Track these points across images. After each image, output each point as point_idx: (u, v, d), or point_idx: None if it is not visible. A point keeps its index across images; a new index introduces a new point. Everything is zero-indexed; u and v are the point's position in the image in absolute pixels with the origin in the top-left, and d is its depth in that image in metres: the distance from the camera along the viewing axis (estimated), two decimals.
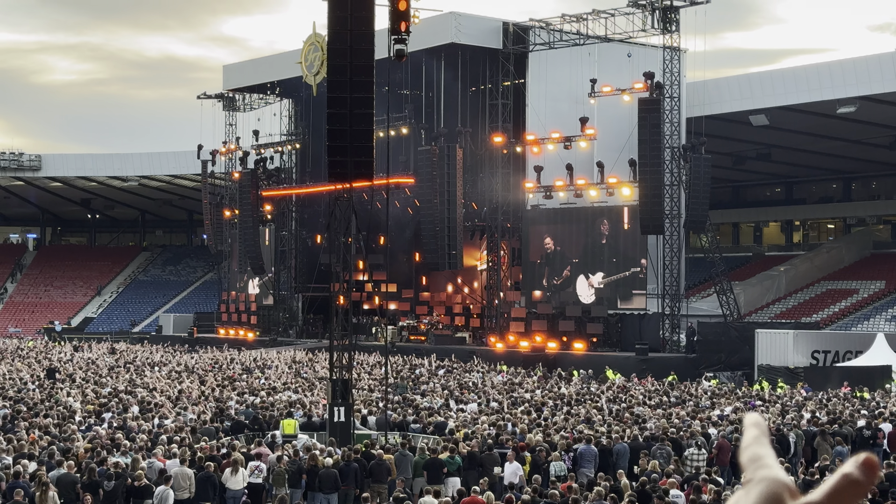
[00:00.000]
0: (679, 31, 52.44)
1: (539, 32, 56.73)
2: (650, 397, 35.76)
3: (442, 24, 55.77)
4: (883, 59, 54.11)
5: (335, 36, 26.70)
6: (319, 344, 58.26)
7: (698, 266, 60.67)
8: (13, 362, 49.97)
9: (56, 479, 19.52)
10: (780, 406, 32.92)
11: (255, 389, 37.27)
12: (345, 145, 26.22)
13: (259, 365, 49.60)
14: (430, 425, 28.26)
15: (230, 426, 27.68)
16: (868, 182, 74.61)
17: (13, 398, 32.87)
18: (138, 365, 49.29)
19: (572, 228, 56.83)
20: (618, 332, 54.48)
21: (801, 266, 67.66)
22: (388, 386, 32.51)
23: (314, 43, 46.84)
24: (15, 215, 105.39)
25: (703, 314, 56.60)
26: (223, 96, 75.04)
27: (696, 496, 18.48)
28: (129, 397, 33.20)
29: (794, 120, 58.88)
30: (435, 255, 56.67)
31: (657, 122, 50.96)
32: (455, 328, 62.14)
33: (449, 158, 55.48)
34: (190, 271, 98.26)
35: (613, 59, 55.13)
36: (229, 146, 74.28)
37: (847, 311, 60.44)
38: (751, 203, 78.70)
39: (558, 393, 37.22)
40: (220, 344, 65.25)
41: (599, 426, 27.02)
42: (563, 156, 55.26)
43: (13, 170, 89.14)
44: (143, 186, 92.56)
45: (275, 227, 72.48)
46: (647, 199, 50.88)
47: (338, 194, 28.31)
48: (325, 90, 27.28)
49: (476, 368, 47.99)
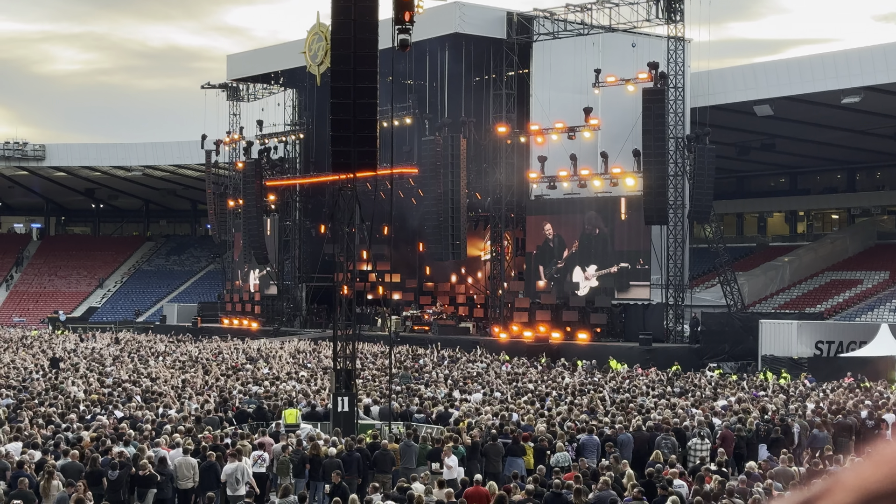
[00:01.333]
0: (683, 20, 52.38)
1: (543, 22, 56.65)
2: (654, 387, 35.77)
3: (446, 13, 55.70)
4: (888, 49, 53.97)
5: (339, 25, 26.67)
6: (323, 334, 58.32)
7: (702, 256, 60.63)
8: (17, 352, 50.06)
9: (61, 468, 19.56)
10: (784, 396, 32.92)
11: (258, 379, 37.30)
12: (348, 135, 26.19)
13: (263, 355, 49.64)
14: (434, 414, 28.29)
15: (234, 416, 27.72)
16: (872, 172, 74.52)
17: (17, 387, 32.95)
18: (142, 355, 49.37)
19: (573, 218, 56.81)
20: (621, 322, 54.48)
21: (805, 256, 67.61)
22: (392, 376, 32.52)
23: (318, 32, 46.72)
24: (19, 205, 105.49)
25: (706, 304, 56.59)
26: (227, 86, 75.02)
27: (699, 486, 18.50)
28: (133, 387, 33.25)
29: (798, 110, 58.78)
30: (439, 246, 56.68)
31: (661, 112, 50.89)
32: (459, 318, 62.17)
33: (453, 148, 55.45)
34: (194, 261, 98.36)
35: (618, 48, 55.06)
36: (233, 136, 74.29)
37: (851, 302, 60.39)
38: (755, 193, 78.63)
39: (562, 383, 37.23)
40: (224, 334, 65.32)
41: (603, 416, 27.04)
42: (567, 146, 55.23)
43: (17, 159, 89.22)
44: (147, 176, 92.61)
45: (278, 217, 72.53)
46: (652, 190, 50.86)
47: (342, 184, 28.30)
48: (329, 80, 27.24)
49: (480, 358, 48.00)
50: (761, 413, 27.72)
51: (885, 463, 1.29)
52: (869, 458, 1.38)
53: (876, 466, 1.28)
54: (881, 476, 1.27)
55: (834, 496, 1.28)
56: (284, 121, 72.46)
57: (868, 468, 1.30)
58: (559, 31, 56.02)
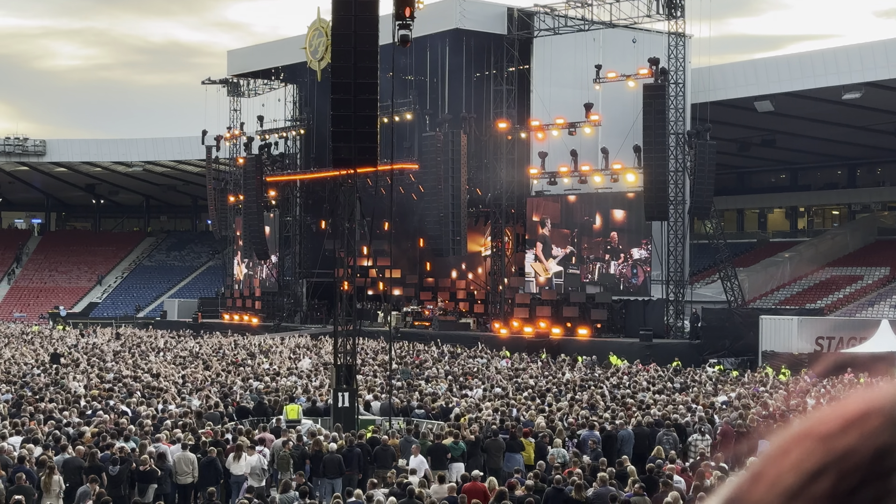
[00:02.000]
0: (684, 16, 52.37)
1: (544, 18, 56.62)
2: (654, 383, 35.78)
3: (446, 9, 55.68)
4: (888, 44, 53.92)
5: (339, 21, 26.67)
6: (324, 330, 58.33)
7: (703, 252, 60.62)
8: (18, 347, 50.09)
9: (62, 464, 19.58)
10: (785, 392, 32.93)
11: (259, 375, 37.34)
12: (349, 131, 26.20)
13: (263, 350, 49.68)
14: (434, 410, 28.32)
15: (235, 411, 27.75)
16: (873, 168, 74.49)
17: (18, 383, 32.97)
18: (143, 350, 49.39)
19: (571, 212, 56.80)
20: (622, 318, 54.49)
21: (806, 252, 67.60)
22: (392, 371, 32.54)
23: (318, 28, 46.70)
24: (20, 200, 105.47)
25: (707, 300, 56.58)
26: (227, 82, 75.00)
27: (699, 482, 18.51)
28: (134, 382, 33.28)
29: (799, 106, 58.74)
30: (439, 241, 56.69)
31: (662, 108, 50.88)
32: (459, 314, 62.18)
33: (453, 144, 55.42)
34: (194, 257, 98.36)
35: (618, 44, 55.05)
36: (234, 132, 74.29)
37: (851, 298, 60.37)
38: (755, 189, 78.60)
39: (562, 379, 37.25)
40: (225, 329, 65.34)
41: (603, 412, 27.05)
42: (568, 142, 55.23)
43: (18, 155, 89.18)
44: (148, 172, 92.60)
45: (279, 213, 72.55)
46: (652, 186, 50.87)
47: (342, 180, 28.31)
48: (330, 75, 27.23)
49: (480, 354, 48.02)
50: (762, 408, 27.74)
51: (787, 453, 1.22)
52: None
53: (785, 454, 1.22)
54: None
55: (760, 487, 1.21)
56: (285, 116, 72.45)
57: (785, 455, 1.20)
58: (560, 27, 56.00)
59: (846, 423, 1.15)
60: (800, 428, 1.19)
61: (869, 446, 1.11)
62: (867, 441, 1.12)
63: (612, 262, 55.16)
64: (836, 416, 1.17)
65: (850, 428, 1.14)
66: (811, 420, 1.19)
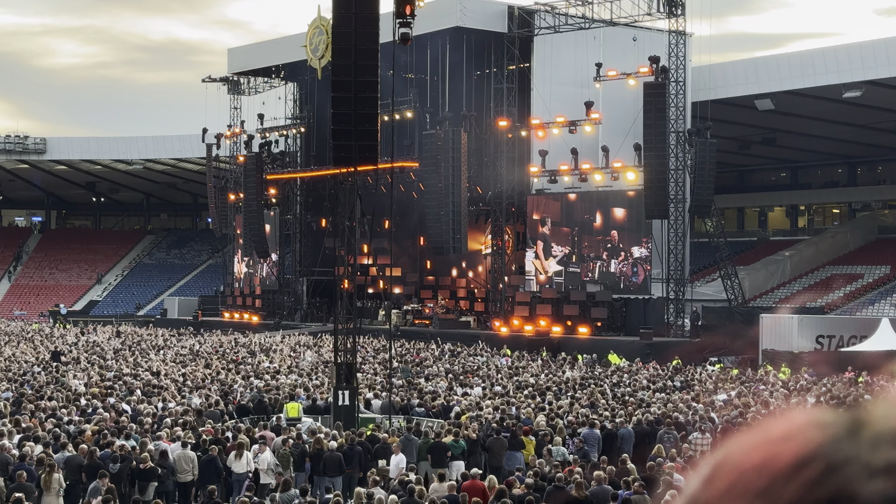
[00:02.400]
0: (685, 14, 52.36)
1: (544, 16, 56.61)
2: (654, 381, 35.78)
3: (447, 7, 55.67)
4: (889, 43, 53.91)
5: (340, 19, 26.66)
6: (324, 328, 58.33)
7: (703, 251, 60.63)
8: (18, 345, 50.07)
9: (63, 462, 19.58)
10: (785, 391, 32.92)
11: (259, 373, 37.33)
12: (349, 129, 26.19)
13: (264, 348, 49.67)
14: (435, 408, 28.31)
15: (235, 409, 27.74)
16: (873, 167, 74.49)
17: (18, 381, 32.96)
18: (143, 348, 49.37)
19: (572, 210, 56.80)
20: (622, 316, 54.49)
21: (806, 251, 67.60)
22: (393, 369, 32.55)
23: (319, 26, 46.64)
24: (20, 198, 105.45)
25: (707, 299, 56.57)
26: (228, 80, 74.99)
27: None
28: (134, 381, 33.27)
29: (799, 104, 58.74)
30: (440, 240, 56.70)
31: (662, 106, 50.89)
32: (460, 312, 62.18)
33: (454, 142, 55.42)
34: (195, 255, 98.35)
35: (619, 43, 55.03)
36: (234, 130, 74.28)
37: (852, 296, 60.38)
38: (756, 188, 78.60)
39: (562, 377, 37.24)
40: (225, 327, 65.33)
41: (603, 410, 27.05)
42: (568, 140, 55.22)
43: (18, 153, 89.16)
44: (148, 170, 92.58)
45: (279, 211, 72.55)
46: (652, 184, 50.87)
47: (342, 178, 28.31)
48: (330, 74, 27.22)
49: (480, 352, 48.02)
50: (762, 407, 27.74)
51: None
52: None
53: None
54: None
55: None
56: (285, 114, 72.44)
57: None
58: (560, 25, 55.99)
59: (781, 475, 1.05)
60: (730, 482, 1.08)
61: (811, 501, 1.03)
62: (810, 495, 1.04)
63: (612, 260, 55.15)
64: (769, 466, 1.06)
65: (788, 480, 1.05)
66: (741, 467, 1.08)
